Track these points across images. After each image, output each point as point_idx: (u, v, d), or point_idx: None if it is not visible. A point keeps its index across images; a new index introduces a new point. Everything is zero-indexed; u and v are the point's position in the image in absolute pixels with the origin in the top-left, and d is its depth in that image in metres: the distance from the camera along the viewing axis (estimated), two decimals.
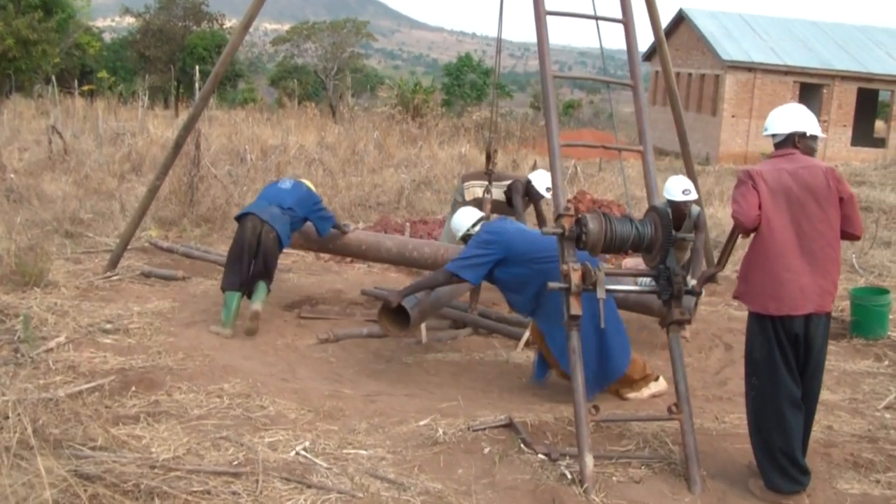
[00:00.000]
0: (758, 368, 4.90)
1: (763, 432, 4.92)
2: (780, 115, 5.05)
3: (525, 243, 6.47)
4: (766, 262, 4.81)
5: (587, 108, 63.12)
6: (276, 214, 7.90)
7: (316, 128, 25.04)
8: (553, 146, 5.49)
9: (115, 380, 6.00)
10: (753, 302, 4.90)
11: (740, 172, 4.97)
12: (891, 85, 34.24)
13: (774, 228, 4.79)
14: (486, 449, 5.29)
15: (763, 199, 4.78)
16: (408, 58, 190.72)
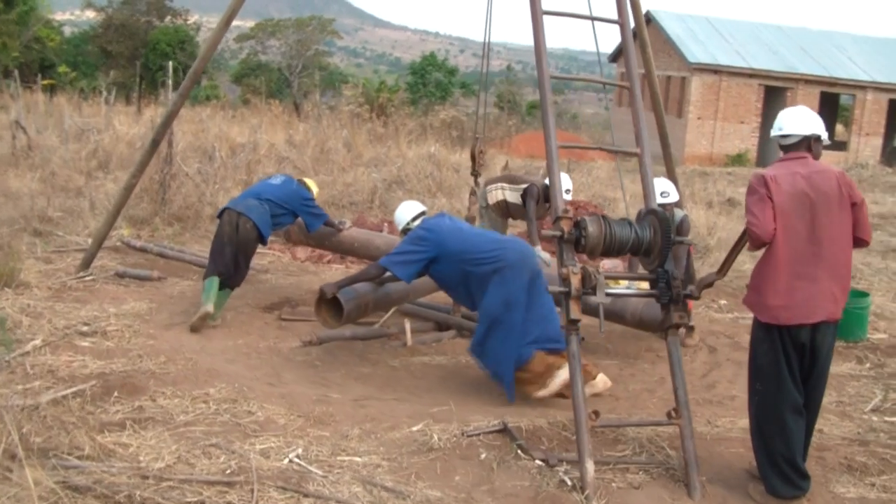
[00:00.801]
0: (762, 375, 4.84)
1: (765, 438, 4.87)
2: (796, 116, 4.93)
3: (458, 242, 6.46)
4: (781, 270, 4.70)
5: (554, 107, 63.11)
6: (251, 206, 7.92)
7: (282, 126, 24.81)
8: (550, 148, 5.40)
9: (96, 385, 5.81)
10: (764, 313, 4.78)
11: (753, 178, 4.82)
12: (853, 89, 34.59)
13: (790, 236, 4.69)
14: (483, 455, 5.19)
15: (779, 205, 4.67)
16: (371, 56, 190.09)
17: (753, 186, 4.76)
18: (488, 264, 6.35)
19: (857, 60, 35.28)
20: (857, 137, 34.31)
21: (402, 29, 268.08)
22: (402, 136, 25.55)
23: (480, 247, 6.42)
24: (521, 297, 6.31)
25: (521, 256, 6.45)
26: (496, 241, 6.59)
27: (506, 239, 6.84)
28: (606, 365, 7.53)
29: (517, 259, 6.39)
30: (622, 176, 9.13)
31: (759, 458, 4.95)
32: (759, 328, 4.87)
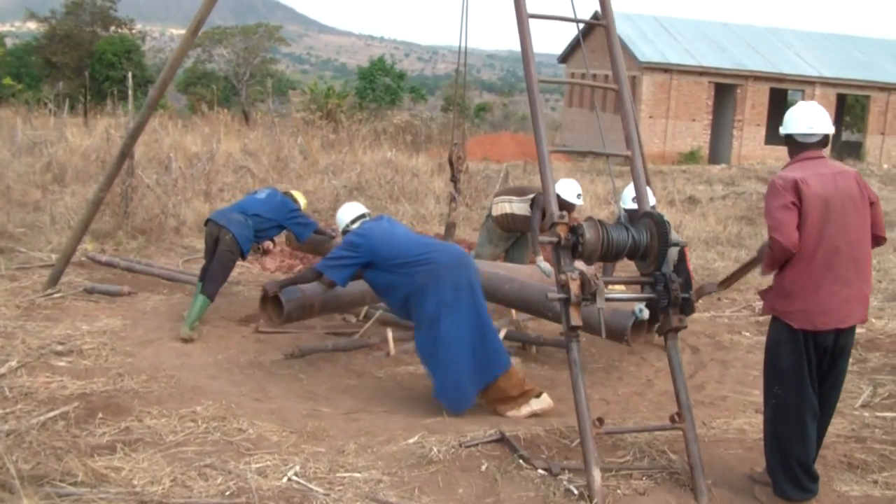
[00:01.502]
0: (783, 378, 4.75)
1: (781, 441, 4.79)
2: (820, 114, 4.77)
3: (389, 248, 6.41)
4: (818, 275, 4.59)
5: (500, 110, 63.32)
6: (233, 219, 8.00)
7: (234, 134, 24.53)
8: (542, 152, 5.34)
9: (79, 406, 5.65)
10: (798, 319, 4.64)
11: (778, 181, 4.62)
12: (801, 85, 35.12)
13: (824, 239, 4.56)
14: (484, 466, 5.11)
15: (812, 208, 4.52)
16: (316, 62, 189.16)
17: (779, 190, 4.56)
18: (419, 267, 6.27)
19: (804, 56, 35.83)
20: None
21: (347, 34, 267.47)
22: (357, 141, 25.41)
23: (412, 251, 6.36)
24: (462, 296, 6.21)
25: (455, 258, 6.36)
26: (426, 245, 6.52)
27: (438, 243, 6.77)
28: (592, 369, 7.51)
29: (450, 261, 6.30)
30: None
31: (771, 461, 4.87)
32: (782, 332, 4.72)
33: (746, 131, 34.89)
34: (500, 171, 21.31)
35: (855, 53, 37.07)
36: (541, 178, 5.36)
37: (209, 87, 45.55)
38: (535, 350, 7.89)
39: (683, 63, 34.83)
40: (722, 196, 19.57)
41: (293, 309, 6.99)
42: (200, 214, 12.82)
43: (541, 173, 5.35)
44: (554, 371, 7.47)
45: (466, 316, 6.21)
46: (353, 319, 8.50)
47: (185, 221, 12.26)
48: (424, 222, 14.70)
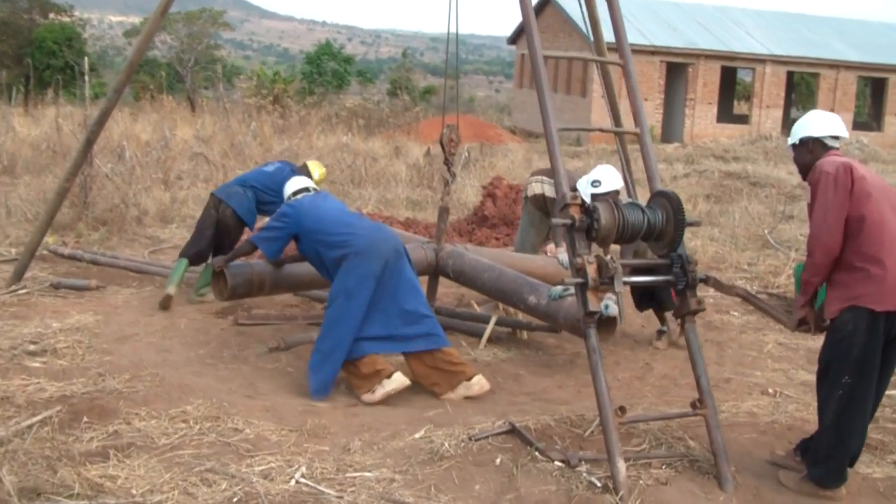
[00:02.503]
0: (856, 368, 4.52)
1: (843, 433, 4.60)
2: (838, 121, 4.84)
3: (314, 222, 6.34)
4: (887, 254, 4.45)
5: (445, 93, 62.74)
6: (232, 192, 8.13)
7: (183, 121, 23.95)
8: (550, 130, 5.10)
9: (61, 410, 5.30)
10: (881, 301, 4.44)
11: (830, 167, 4.50)
12: (751, 63, 35.29)
13: (885, 218, 4.48)
14: (497, 460, 4.88)
15: (865, 189, 4.47)
16: (258, 48, 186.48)
17: (828, 175, 4.47)
18: (336, 248, 6.16)
19: (754, 34, 36.01)
20: (758, 110, 35.05)
21: (289, 19, 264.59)
22: (310, 126, 25.00)
23: (332, 229, 6.25)
24: (365, 287, 6.04)
25: (372, 244, 6.15)
26: (348, 226, 6.32)
27: (363, 224, 6.47)
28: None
29: (366, 246, 6.11)
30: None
31: (824, 452, 4.65)
32: (860, 320, 4.48)
33: (698, 110, 35.00)
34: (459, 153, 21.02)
35: (804, 32, 37.37)
36: (550, 157, 5.13)
37: (152, 74, 44.64)
38: (526, 335, 7.67)
39: (635, 43, 34.73)
40: (685, 175, 19.52)
41: (238, 284, 6.88)
42: (161, 204, 12.44)
43: (549, 152, 5.12)
44: (549, 357, 7.27)
45: (362, 306, 6.04)
46: None
47: (147, 211, 11.83)
48: (391, 207, 14.41)
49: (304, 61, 54.90)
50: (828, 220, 4.47)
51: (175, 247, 10.76)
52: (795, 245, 11.68)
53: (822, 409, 4.69)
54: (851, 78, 35.96)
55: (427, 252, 7.75)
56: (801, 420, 5.70)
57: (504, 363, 7.04)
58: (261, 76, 36.53)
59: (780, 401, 6.09)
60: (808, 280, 4.67)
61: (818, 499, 4.66)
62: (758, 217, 13.76)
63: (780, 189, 17.50)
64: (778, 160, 24.35)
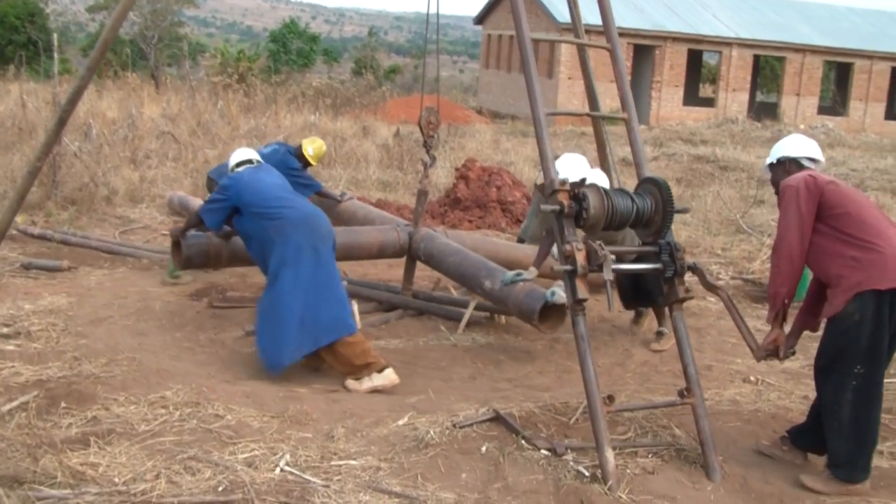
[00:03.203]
0: (867, 356, 4.51)
1: (861, 424, 4.57)
2: (815, 145, 5.04)
3: (251, 194, 6.29)
4: (876, 237, 4.49)
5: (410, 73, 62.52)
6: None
7: (147, 99, 23.60)
8: (538, 115, 5.07)
9: (38, 395, 5.19)
10: (883, 280, 4.45)
11: (791, 181, 4.67)
12: (718, 46, 35.41)
13: (864, 206, 4.59)
14: (483, 448, 4.85)
15: (836, 189, 4.59)
16: (221, 25, 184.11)
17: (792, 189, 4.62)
18: (268, 220, 6.13)
19: (721, 17, 36.12)
20: (724, 94, 35.22)
21: None
22: (278, 105, 24.76)
23: (266, 201, 6.22)
24: (299, 259, 6.03)
25: (302, 220, 6.15)
26: (282, 200, 6.29)
27: (295, 200, 6.42)
28: (567, 339, 7.30)
29: (297, 220, 6.11)
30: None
31: (840, 444, 4.63)
32: (866, 308, 4.47)
33: (665, 92, 35.09)
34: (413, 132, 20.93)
35: (770, 15, 37.54)
36: (538, 142, 5.08)
37: (115, 51, 43.91)
38: (504, 320, 7.64)
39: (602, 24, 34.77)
40: (654, 158, 19.59)
41: (193, 255, 6.86)
42: (131, 183, 12.26)
43: (537, 136, 5.08)
44: (528, 342, 7.24)
45: (304, 277, 6.00)
46: None
47: (117, 191, 11.64)
48: (362, 187, 14.30)
49: (268, 39, 54.40)
50: (791, 231, 4.57)
51: (146, 227, 10.64)
52: (768, 230, 11.74)
53: (835, 405, 4.62)
54: (817, 62, 36.22)
55: (400, 234, 7.71)
56: (784, 408, 5.73)
57: (484, 348, 7.01)
58: (225, 54, 36.15)
59: (762, 389, 6.12)
60: (776, 291, 4.71)
61: (847, 496, 4.63)
62: (729, 201, 13.83)
63: (749, 173, 17.62)
64: (745, 144, 24.50)
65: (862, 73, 36.62)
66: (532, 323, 6.53)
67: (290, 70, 47.03)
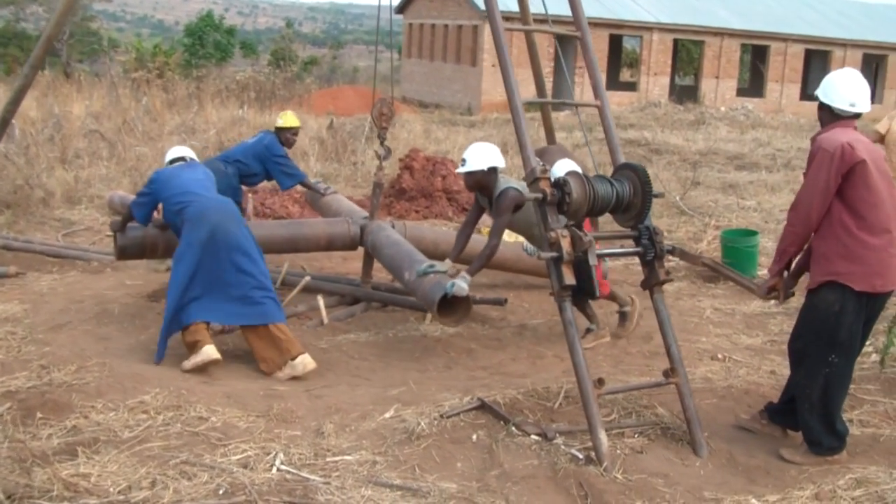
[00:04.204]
0: (843, 348, 4.65)
1: (830, 407, 4.73)
2: (861, 90, 4.67)
3: (167, 189, 6.41)
4: (876, 237, 4.54)
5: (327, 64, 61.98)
6: (213, 169, 7.64)
7: (65, 96, 22.98)
8: (515, 105, 5.11)
9: (12, 407, 5.03)
10: (860, 281, 4.55)
11: (826, 143, 4.53)
12: (639, 31, 35.90)
13: (881, 202, 4.55)
14: (474, 436, 4.90)
15: (865, 171, 4.49)
16: (132, 19, 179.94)
17: (826, 152, 4.50)
18: (176, 215, 6.29)
19: (641, 2, 36.61)
20: (646, 78, 35.72)
21: None
22: (206, 99, 24.39)
23: (177, 196, 6.32)
24: (189, 253, 6.09)
25: (202, 212, 6.17)
26: (189, 194, 6.33)
27: (205, 195, 6.39)
28: (534, 325, 7.37)
29: (196, 214, 6.16)
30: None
31: (812, 423, 4.78)
32: (847, 300, 4.58)
33: (587, 78, 35.44)
34: (359, 126, 20.86)
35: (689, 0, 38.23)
36: (516, 131, 5.11)
37: (22, 47, 42.70)
38: None
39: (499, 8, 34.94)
40: (585, 143, 19.72)
41: (128, 245, 6.98)
42: (66, 184, 11.93)
43: (515, 126, 5.11)
44: (496, 330, 7.28)
45: (199, 266, 6.06)
46: None
47: (53, 193, 11.32)
48: None
49: (183, 33, 53.51)
50: (814, 196, 4.54)
51: (88, 229, 10.40)
52: (709, 211, 11.99)
53: (807, 387, 4.76)
54: (735, 45, 36.99)
55: (351, 227, 7.67)
56: (755, 384, 5.87)
57: (454, 338, 7.01)
58: (140, 49, 35.43)
59: (731, 366, 6.26)
60: (785, 249, 4.78)
61: (828, 465, 4.78)
62: (666, 184, 14.04)
63: (681, 155, 17.95)
64: (671, 126, 24.89)
65: (777, 55, 37.51)
66: (434, 315, 6.50)
67: (207, 64, 46.33)
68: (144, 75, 28.72)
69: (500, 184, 6.27)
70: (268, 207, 11.28)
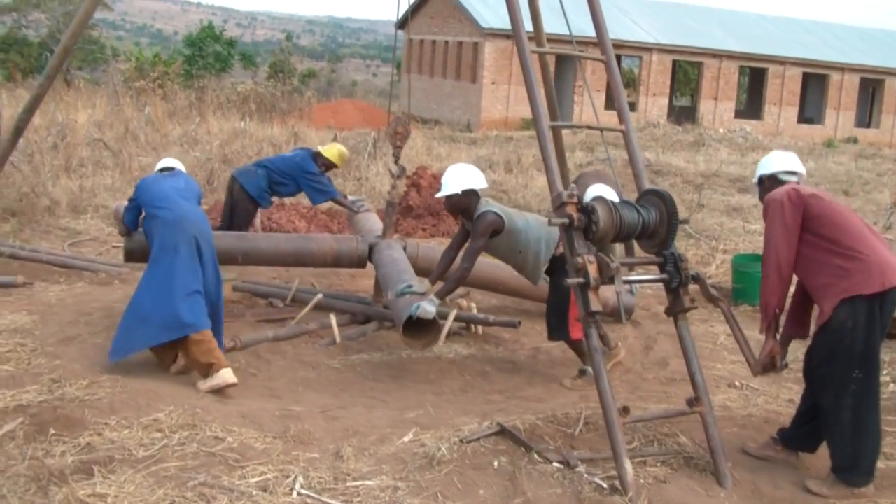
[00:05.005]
0: (861, 359, 4.61)
1: (866, 427, 4.66)
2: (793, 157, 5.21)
3: (145, 196, 6.40)
4: (861, 245, 4.63)
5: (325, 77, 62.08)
6: (244, 170, 8.87)
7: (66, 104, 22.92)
8: (542, 127, 5.05)
9: (24, 422, 4.96)
10: (867, 284, 4.56)
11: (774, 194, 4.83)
12: (638, 52, 36.04)
13: (846, 216, 4.75)
14: (495, 463, 4.81)
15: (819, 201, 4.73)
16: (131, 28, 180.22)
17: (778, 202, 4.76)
18: (151, 218, 6.29)
19: (640, 23, 36.75)
20: (645, 98, 35.81)
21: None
22: (208, 110, 24.35)
23: (151, 202, 6.32)
24: (160, 256, 6.09)
25: (171, 222, 6.14)
26: (163, 200, 6.29)
27: (177, 202, 6.31)
28: (548, 348, 7.31)
29: (171, 219, 6.14)
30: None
31: (850, 452, 4.71)
32: (858, 313, 4.58)
33: (587, 97, 35.56)
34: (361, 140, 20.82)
35: (687, 21, 38.38)
36: (542, 153, 5.05)
37: (22, 53, 42.63)
38: (481, 330, 7.60)
39: (525, 30, 35.02)
40: (588, 162, 19.79)
41: (134, 249, 7.03)
42: (71, 193, 11.87)
43: (541, 147, 5.05)
44: (510, 352, 7.22)
45: (159, 275, 6.04)
46: (279, 304, 7.98)
47: (59, 201, 11.26)
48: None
49: (184, 43, 53.53)
50: (778, 241, 4.72)
51: (94, 239, 10.32)
52: (714, 234, 11.96)
53: (837, 410, 4.71)
54: (733, 67, 37.15)
55: (359, 245, 7.61)
56: (775, 413, 5.83)
57: (468, 360, 6.95)
58: (140, 58, 35.42)
59: (748, 394, 6.21)
60: (767, 302, 4.85)
61: (854, 498, 4.71)
62: None
63: (683, 177, 17.94)
64: (670, 148, 24.92)
65: (775, 78, 37.65)
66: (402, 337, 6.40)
67: (206, 74, 46.31)
68: (146, 84, 28.73)
69: (480, 206, 6.19)
70: (274, 222, 11.21)
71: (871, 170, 22.47)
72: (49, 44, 44.19)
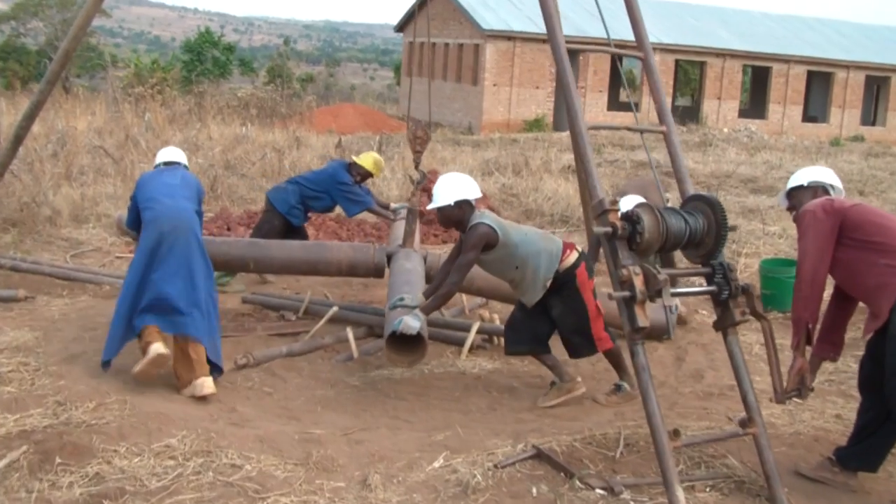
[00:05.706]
0: None
1: None
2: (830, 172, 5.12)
3: (140, 192, 6.28)
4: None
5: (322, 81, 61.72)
6: (276, 188, 9.01)
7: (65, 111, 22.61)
8: (580, 129, 4.76)
9: (29, 451, 4.62)
10: None
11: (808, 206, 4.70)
12: (639, 51, 35.69)
13: (889, 216, 4.65)
14: (534, 490, 4.49)
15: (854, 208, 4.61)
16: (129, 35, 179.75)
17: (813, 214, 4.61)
18: (142, 215, 6.12)
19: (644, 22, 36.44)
20: (647, 98, 35.46)
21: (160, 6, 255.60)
22: (208, 116, 24.04)
23: (143, 199, 6.18)
24: (139, 258, 5.92)
25: (156, 219, 5.96)
26: (153, 200, 6.10)
27: (165, 202, 6.09)
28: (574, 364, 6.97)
29: (151, 219, 5.98)
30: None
31: None
32: None
33: (589, 98, 35.25)
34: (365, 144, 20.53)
35: (689, 20, 38.07)
36: (581, 158, 4.73)
37: (21, 61, 42.35)
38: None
39: (526, 31, 34.80)
40: (595, 165, 19.41)
41: None
42: (72, 202, 11.54)
43: (581, 154, 4.73)
44: (536, 367, 6.84)
45: (135, 277, 5.87)
46: (292, 317, 7.64)
47: (60, 211, 10.92)
48: None
49: (182, 49, 53.23)
50: (810, 252, 4.56)
51: (97, 249, 9.99)
52: (734, 237, 11.62)
53: None
54: (737, 66, 36.85)
55: (375, 254, 7.28)
56: (823, 430, 5.50)
57: (493, 375, 6.62)
58: (138, 65, 35.16)
59: (793, 409, 5.86)
60: (799, 317, 4.65)
61: None
62: None
63: (693, 178, 17.57)
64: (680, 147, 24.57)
65: (779, 76, 37.36)
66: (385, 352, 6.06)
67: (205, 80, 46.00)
68: (145, 91, 28.39)
69: (473, 218, 5.84)
70: None
71: (884, 168, 22.17)
72: (47, 52, 43.96)
